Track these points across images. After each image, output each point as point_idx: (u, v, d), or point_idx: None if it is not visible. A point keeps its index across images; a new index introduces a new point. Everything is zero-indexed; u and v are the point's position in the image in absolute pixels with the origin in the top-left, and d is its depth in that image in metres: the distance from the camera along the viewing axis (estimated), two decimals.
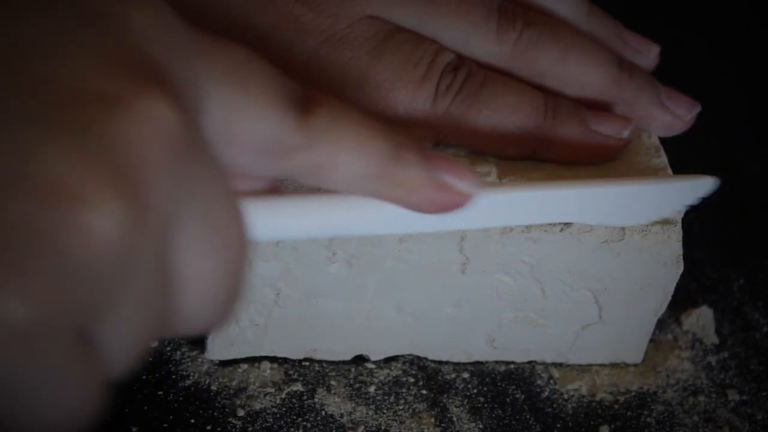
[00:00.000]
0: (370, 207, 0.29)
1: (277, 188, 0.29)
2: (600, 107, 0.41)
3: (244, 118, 0.25)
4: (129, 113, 0.21)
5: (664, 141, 0.42)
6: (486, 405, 0.41)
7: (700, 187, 0.35)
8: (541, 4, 0.43)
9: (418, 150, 0.28)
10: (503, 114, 0.39)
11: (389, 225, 0.30)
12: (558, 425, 0.40)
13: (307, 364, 0.42)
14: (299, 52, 0.38)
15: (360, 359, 0.42)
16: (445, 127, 0.39)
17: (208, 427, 0.39)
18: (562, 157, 0.39)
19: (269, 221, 0.28)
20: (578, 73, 0.41)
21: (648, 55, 0.44)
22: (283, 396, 0.40)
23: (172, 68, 0.23)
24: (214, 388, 0.40)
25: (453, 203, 0.29)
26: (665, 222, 0.38)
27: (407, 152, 0.28)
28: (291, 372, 0.41)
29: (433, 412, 0.40)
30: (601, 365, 0.43)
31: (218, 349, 0.41)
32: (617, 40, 0.44)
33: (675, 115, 0.42)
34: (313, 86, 0.38)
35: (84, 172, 0.20)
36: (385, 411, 0.40)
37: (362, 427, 0.39)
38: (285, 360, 0.42)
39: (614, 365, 0.43)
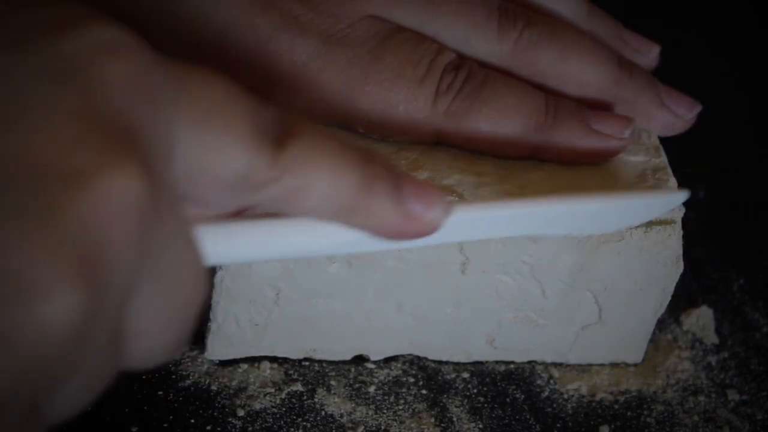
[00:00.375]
0: (331, 230, 0.29)
1: (241, 212, 0.29)
2: (600, 107, 0.41)
3: (215, 158, 0.25)
4: (93, 192, 0.20)
5: (664, 141, 0.42)
6: (486, 405, 0.41)
7: (670, 201, 0.35)
8: (542, 4, 0.43)
9: (390, 180, 0.28)
10: (504, 114, 0.39)
11: (351, 246, 0.30)
12: (558, 425, 0.40)
13: (307, 364, 0.42)
14: (300, 52, 0.38)
15: (360, 359, 0.42)
16: (445, 126, 0.39)
17: (208, 427, 0.39)
18: (562, 157, 0.39)
19: (232, 245, 0.28)
20: (578, 73, 0.41)
21: (648, 54, 0.44)
22: (283, 396, 0.40)
23: (144, 120, 0.22)
24: (214, 388, 0.40)
25: (419, 232, 0.29)
26: (665, 222, 0.38)
27: (378, 183, 0.27)
28: (291, 372, 0.41)
29: (433, 412, 0.40)
30: (601, 365, 0.43)
31: (218, 349, 0.41)
32: (617, 40, 0.44)
33: (675, 114, 0.42)
34: (313, 87, 0.39)
35: (41, 262, 0.19)
36: (385, 411, 0.40)
37: (362, 427, 0.39)
38: (285, 360, 0.42)
39: (614, 365, 0.43)
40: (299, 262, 0.38)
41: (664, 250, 0.39)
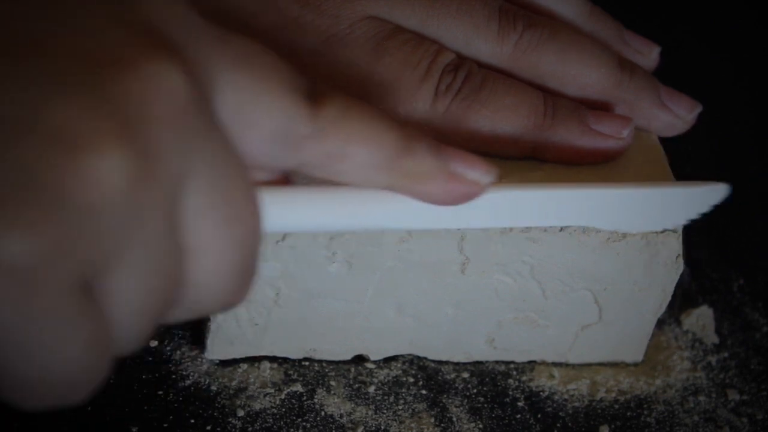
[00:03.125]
0: (376, 200, 0.29)
1: (288, 180, 0.30)
2: (601, 108, 0.41)
3: (257, 106, 0.26)
4: (139, 74, 0.22)
5: (664, 141, 0.42)
6: (486, 405, 0.41)
7: (711, 194, 0.35)
8: (543, 5, 0.43)
9: (429, 140, 0.28)
10: (503, 114, 0.39)
11: (394, 220, 0.30)
12: (558, 425, 0.40)
13: (307, 364, 0.42)
14: (300, 53, 0.38)
15: (360, 359, 0.42)
16: (444, 127, 0.39)
17: (208, 427, 0.39)
18: (561, 157, 0.39)
19: (276, 212, 0.28)
20: (579, 74, 0.41)
21: (649, 55, 0.44)
22: (283, 396, 0.40)
23: (186, 48, 0.23)
24: (214, 388, 0.40)
25: (466, 193, 0.29)
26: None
27: (417, 142, 0.28)
28: (291, 372, 0.41)
29: (433, 412, 0.40)
30: (601, 365, 0.43)
31: (218, 349, 0.41)
32: (618, 41, 0.44)
33: (676, 115, 0.42)
34: None
35: (91, 122, 0.20)
36: (384, 411, 0.40)
37: (362, 427, 0.39)
38: (285, 360, 0.42)
39: (614, 365, 0.43)
40: (299, 261, 0.38)
41: (664, 250, 0.39)
